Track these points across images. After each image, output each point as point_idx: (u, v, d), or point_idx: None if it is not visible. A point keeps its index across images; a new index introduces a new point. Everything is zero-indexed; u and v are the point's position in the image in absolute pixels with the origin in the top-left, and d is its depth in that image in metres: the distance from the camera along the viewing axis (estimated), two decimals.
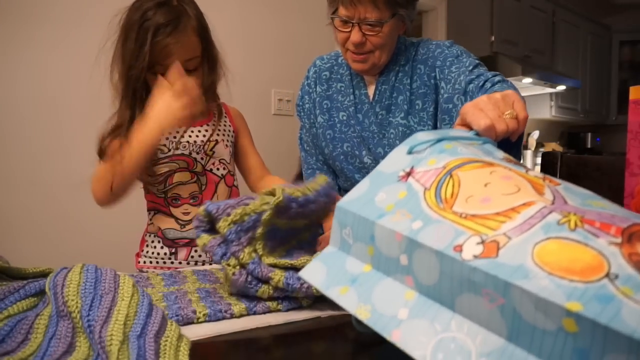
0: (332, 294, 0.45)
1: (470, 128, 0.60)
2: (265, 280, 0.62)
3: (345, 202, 0.49)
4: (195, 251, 0.99)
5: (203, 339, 0.55)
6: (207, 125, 1.02)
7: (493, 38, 3.27)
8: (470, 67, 0.98)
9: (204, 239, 0.65)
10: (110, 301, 0.49)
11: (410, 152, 0.52)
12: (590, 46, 4.28)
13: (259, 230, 0.63)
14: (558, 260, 0.32)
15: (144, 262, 1.00)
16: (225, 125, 1.05)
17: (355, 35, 1.00)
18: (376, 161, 1.09)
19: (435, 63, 1.05)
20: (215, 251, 0.63)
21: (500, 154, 0.53)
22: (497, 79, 0.92)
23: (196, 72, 0.94)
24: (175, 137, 0.97)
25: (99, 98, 1.75)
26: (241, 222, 0.62)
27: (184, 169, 0.97)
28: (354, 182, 1.13)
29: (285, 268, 0.64)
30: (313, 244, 0.71)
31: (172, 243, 0.98)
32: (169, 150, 0.96)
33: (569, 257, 0.32)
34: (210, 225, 0.66)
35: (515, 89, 0.88)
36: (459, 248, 0.37)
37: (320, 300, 0.66)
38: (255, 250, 0.64)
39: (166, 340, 0.47)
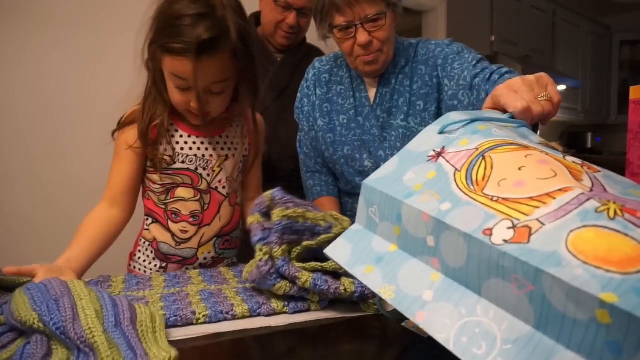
0: (357, 272, 0.45)
1: (503, 111, 0.57)
2: (291, 280, 0.63)
3: (373, 180, 0.48)
4: (187, 269, 0.94)
5: (201, 338, 0.55)
6: (220, 137, 0.92)
7: (493, 38, 3.26)
8: (474, 62, 0.97)
9: (255, 218, 0.66)
10: (69, 302, 0.49)
11: (441, 132, 0.51)
12: (590, 46, 4.28)
13: (306, 243, 0.64)
14: (594, 249, 0.30)
15: (134, 267, 0.98)
16: (241, 137, 0.96)
17: (362, 36, 0.98)
18: (377, 165, 1.08)
19: (437, 62, 1.04)
20: (256, 232, 0.64)
21: (537, 138, 0.51)
22: (504, 70, 0.90)
23: (223, 94, 0.85)
24: (182, 149, 0.89)
25: (99, 98, 1.75)
26: (295, 221, 0.63)
27: (188, 185, 0.90)
28: (354, 186, 1.12)
29: (314, 270, 0.64)
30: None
31: (164, 257, 0.94)
32: (174, 162, 0.88)
33: (606, 247, 0.30)
34: (267, 209, 0.67)
35: None
36: (488, 232, 0.35)
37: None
38: (289, 252, 0.64)
39: (141, 325, 0.48)
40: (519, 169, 0.40)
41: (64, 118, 1.72)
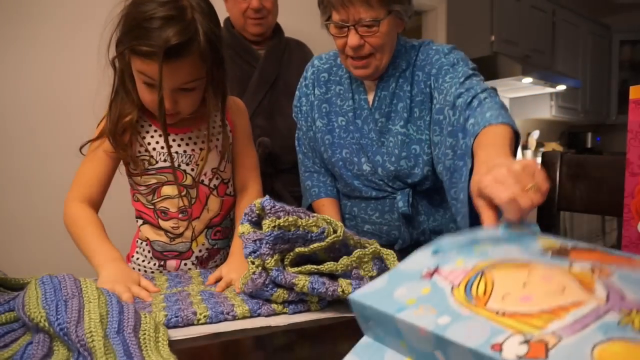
0: None
1: (490, 202, 0.56)
2: (289, 287, 0.62)
3: (358, 295, 0.44)
4: (185, 264, 0.95)
5: (201, 338, 0.55)
6: (199, 131, 0.92)
7: (493, 38, 3.26)
8: (462, 79, 0.94)
9: (245, 228, 0.66)
10: (78, 304, 0.49)
11: (435, 253, 0.48)
12: (590, 46, 4.28)
13: (299, 250, 0.63)
14: None
15: (133, 268, 0.98)
16: (221, 127, 0.95)
17: (353, 39, 0.96)
18: (375, 169, 1.07)
19: (432, 71, 1.02)
20: (247, 244, 0.64)
21: (540, 244, 0.48)
22: (483, 95, 0.89)
23: (194, 92, 0.84)
24: (163, 148, 0.89)
25: (101, 98, 1.75)
26: (286, 230, 0.62)
27: (172, 182, 0.90)
28: (353, 188, 1.12)
29: (310, 273, 0.64)
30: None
31: (161, 255, 0.95)
32: (156, 162, 0.88)
33: None
34: (258, 218, 0.66)
35: (504, 107, 0.86)
36: (497, 347, 0.32)
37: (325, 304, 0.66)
38: (282, 260, 0.64)
39: (144, 334, 0.48)
40: (523, 285, 0.38)
41: (64, 118, 1.72)
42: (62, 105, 1.72)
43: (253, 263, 0.63)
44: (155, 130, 0.90)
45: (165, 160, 0.89)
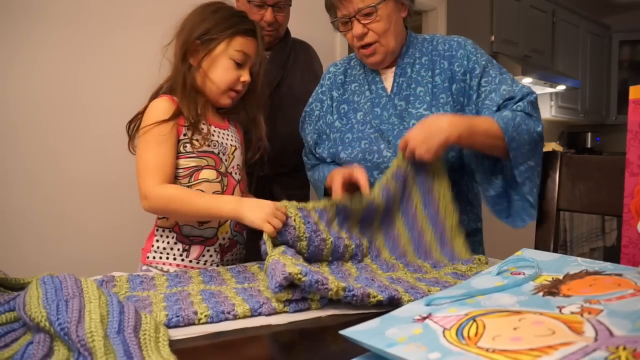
0: None
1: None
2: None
3: (350, 332, 0.45)
4: (207, 251, 1.00)
5: (202, 338, 0.55)
6: (228, 130, 1.06)
7: (493, 38, 3.26)
8: (503, 98, 1.05)
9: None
10: (78, 304, 0.49)
11: (428, 305, 0.51)
12: (590, 46, 4.28)
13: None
14: None
15: (153, 258, 1.00)
16: (236, 133, 1.09)
17: (356, 28, 1.03)
18: (396, 153, 1.08)
19: (474, 68, 1.07)
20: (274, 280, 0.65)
21: (532, 284, 0.50)
22: (516, 106, 1.01)
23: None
24: (207, 134, 0.99)
25: (99, 99, 1.75)
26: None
27: (212, 167, 0.99)
28: (370, 181, 1.13)
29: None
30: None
31: (186, 239, 0.99)
32: (200, 145, 0.97)
33: None
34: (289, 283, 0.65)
35: (538, 122, 1.01)
36: None
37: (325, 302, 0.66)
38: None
39: (145, 333, 0.48)
40: (514, 329, 0.40)
41: (64, 118, 1.72)
42: (67, 105, 1.72)
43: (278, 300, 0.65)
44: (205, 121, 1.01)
45: (209, 145, 0.98)
